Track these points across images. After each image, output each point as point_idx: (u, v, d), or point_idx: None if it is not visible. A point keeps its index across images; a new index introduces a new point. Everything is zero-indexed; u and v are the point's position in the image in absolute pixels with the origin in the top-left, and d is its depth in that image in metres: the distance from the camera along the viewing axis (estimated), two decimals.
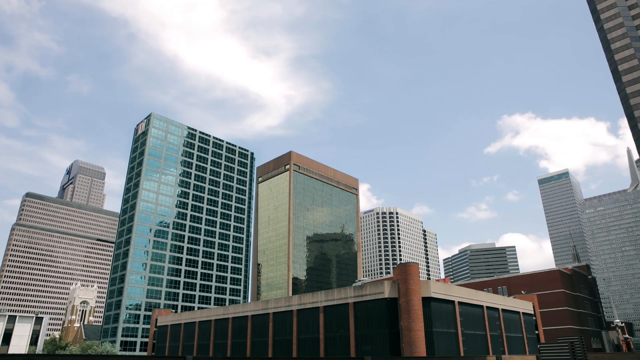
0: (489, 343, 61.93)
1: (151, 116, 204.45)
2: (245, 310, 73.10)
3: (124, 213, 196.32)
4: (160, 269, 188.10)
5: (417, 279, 53.11)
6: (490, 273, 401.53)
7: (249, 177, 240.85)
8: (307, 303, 62.07)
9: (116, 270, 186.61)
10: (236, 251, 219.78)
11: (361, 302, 55.58)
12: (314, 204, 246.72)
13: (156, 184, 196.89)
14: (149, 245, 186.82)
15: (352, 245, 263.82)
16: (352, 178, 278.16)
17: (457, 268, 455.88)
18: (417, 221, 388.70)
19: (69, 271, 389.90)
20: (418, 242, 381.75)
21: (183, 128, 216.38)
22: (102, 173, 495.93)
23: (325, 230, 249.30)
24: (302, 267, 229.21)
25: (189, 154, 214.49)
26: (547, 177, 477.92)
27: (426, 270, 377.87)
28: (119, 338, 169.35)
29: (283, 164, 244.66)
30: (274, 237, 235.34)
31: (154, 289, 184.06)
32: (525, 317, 75.48)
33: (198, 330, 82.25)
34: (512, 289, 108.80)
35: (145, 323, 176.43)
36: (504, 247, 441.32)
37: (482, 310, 63.26)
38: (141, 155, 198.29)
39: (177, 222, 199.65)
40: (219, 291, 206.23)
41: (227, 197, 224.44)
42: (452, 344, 54.86)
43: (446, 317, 55.43)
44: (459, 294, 59.08)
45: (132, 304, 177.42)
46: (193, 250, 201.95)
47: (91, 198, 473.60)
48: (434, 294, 53.66)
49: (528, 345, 72.82)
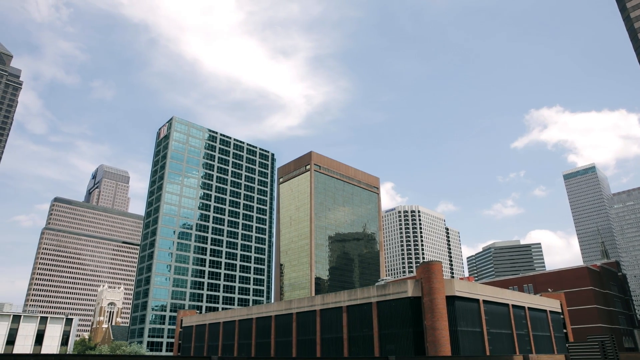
0: (516, 342, 60.88)
1: (172, 120, 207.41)
2: (268, 311, 73.51)
3: (148, 216, 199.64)
4: (184, 270, 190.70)
5: (441, 277, 52.57)
6: (515, 271, 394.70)
7: (270, 178, 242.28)
8: (330, 303, 62.06)
9: (142, 272, 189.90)
10: (259, 252, 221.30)
11: (384, 302, 55.28)
12: (335, 203, 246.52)
13: (179, 186, 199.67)
14: (173, 247, 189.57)
15: (374, 245, 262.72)
16: (372, 177, 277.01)
17: (481, 266, 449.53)
18: (439, 219, 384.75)
19: (97, 273, 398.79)
20: (441, 241, 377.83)
21: (204, 131, 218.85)
22: (126, 177, 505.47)
23: (347, 229, 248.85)
24: (324, 266, 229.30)
25: (211, 156, 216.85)
26: (572, 172, 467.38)
27: (449, 269, 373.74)
28: (145, 338, 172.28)
29: (304, 164, 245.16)
30: (296, 237, 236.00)
31: (178, 290, 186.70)
32: (553, 315, 73.93)
33: (222, 330, 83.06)
34: (538, 286, 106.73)
35: (170, 324, 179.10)
36: (529, 245, 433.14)
37: (508, 309, 62.23)
38: (164, 158, 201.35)
39: (200, 224, 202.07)
40: (242, 292, 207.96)
41: (248, 199, 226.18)
42: (477, 343, 54.12)
43: (471, 316, 54.70)
44: (483, 292, 58.24)
45: (158, 305, 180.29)
46: (216, 252, 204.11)
47: (116, 201, 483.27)
48: (458, 292, 53.02)
49: (556, 345, 71.31)
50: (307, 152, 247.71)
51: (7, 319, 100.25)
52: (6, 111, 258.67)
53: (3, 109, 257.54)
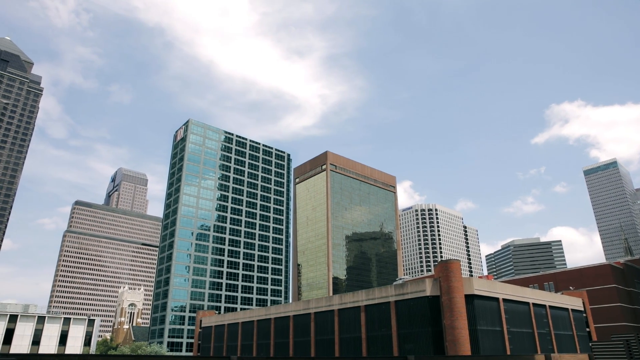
0: (537, 341, 60.05)
1: (189, 122, 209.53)
2: (286, 311, 73.79)
3: (167, 218, 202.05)
4: (203, 271, 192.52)
5: (459, 276, 52.14)
6: (535, 269, 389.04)
7: (286, 179, 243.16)
8: (348, 302, 62.03)
9: (161, 274, 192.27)
10: (276, 252, 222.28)
11: (403, 301, 55.05)
12: (352, 203, 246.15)
13: (196, 188, 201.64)
14: (191, 249, 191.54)
15: (391, 244, 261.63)
16: (389, 176, 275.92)
17: (500, 264, 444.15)
18: (457, 217, 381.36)
19: (117, 275, 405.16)
20: (459, 239, 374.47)
21: (220, 133, 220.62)
22: (144, 179, 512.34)
23: (364, 229, 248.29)
24: (341, 266, 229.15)
25: (227, 157, 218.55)
26: (593, 168, 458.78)
27: (468, 267, 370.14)
28: (165, 339, 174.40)
29: (320, 164, 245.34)
30: (313, 237, 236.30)
31: (197, 291, 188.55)
32: (575, 314, 72.71)
33: (241, 330, 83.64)
34: (559, 285, 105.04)
35: (190, 324, 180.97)
36: (550, 242, 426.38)
37: (529, 308, 61.41)
38: (181, 161, 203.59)
39: (217, 225, 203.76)
40: (260, 292, 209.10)
41: (265, 199, 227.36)
42: (497, 342, 53.53)
43: (490, 315, 54.13)
44: (503, 290, 57.57)
45: (177, 306, 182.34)
46: (234, 252, 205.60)
47: (135, 204, 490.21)
48: (477, 291, 52.52)
49: (579, 344, 70.11)
50: (322, 152, 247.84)
51: (33, 320, 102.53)
52: (28, 117, 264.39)
53: (25, 115, 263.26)
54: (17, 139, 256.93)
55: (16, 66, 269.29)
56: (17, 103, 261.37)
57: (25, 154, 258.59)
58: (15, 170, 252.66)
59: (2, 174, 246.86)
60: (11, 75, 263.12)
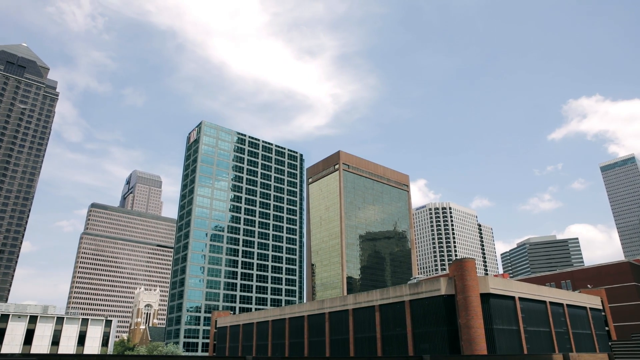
0: (555, 340, 59.30)
1: (202, 124, 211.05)
2: (301, 311, 73.92)
3: (181, 219, 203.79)
4: (217, 272, 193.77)
5: (474, 274, 51.73)
6: (552, 267, 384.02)
7: (299, 179, 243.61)
8: (363, 302, 61.93)
9: (176, 274, 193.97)
10: (290, 252, 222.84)
11: (417, 300, 54.80)
12: (365, 202, 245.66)
13: (210, 189, 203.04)
14: (205, 250, 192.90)
15: (405, 243, 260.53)
16: (402, 174, 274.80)
17: (516, 263, 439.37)
18: (471, 215, 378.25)
19: (133, 276, 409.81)
20: (473, 237, 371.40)
21: (233, 134, 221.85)
22: (158, 181, 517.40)
23: (377, 228, 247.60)
24: (355, 266, 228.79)
25: (240, 158, 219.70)
26: (610, 164, 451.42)
27: (483, 266, 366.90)
28: (181, 339, 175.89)
29: (332, 164, 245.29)
30: (326, 237, 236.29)
31: (212, 292, 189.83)
32: (594, 312, 71.63)
33: (256, 330, 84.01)
34: (577, 283, 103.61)
35: (205, 324, 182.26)
36: (566, 240, 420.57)
37: (545, 306, 60.66)
38: (194, 162, 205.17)
39: (231, 226, 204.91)
40: (274, 292, 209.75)
41: (278, 200, 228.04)
42: (514, 341, 52.99)
43: (507, 314, 53.61)
44: (519, 289, 56.96)
45: (193, 307, 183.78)
46: (248, 253, 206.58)
47: (150, 206, 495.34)
48: (493, 289, 52.05)
49: (598, 343, 69.04)
50: (335, 152, 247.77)
51: (52, 320, 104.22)
52: (45, 122, 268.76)
53: (42, 120, 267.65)
54: (35, 143, 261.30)
55: (33, 72, 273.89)
56: (34, 108, 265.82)
57: (42, 158, 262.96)
58: (33, 174, 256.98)
59: (21, 177, 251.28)
60: (28, 81, 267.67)
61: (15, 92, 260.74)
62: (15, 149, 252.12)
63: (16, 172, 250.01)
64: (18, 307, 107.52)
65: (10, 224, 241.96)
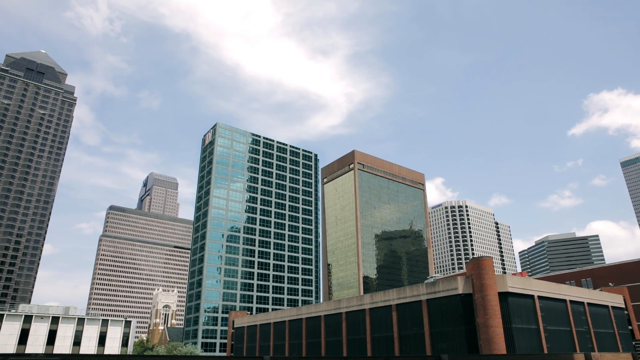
0: (575, 339, 58.37)
1: (217, 126, 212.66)
2: (317, 311, 74.01)
3: (197, 220, 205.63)
4: (234, 272, 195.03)
5: (492, 273, 51.22)
6: (571, 265, 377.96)
7: (314, 179, 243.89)
8: (379, 301, 61.76)
9: (193, 275, 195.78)
10: (306, 252, 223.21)
11: (434, 299, 54.46)
12: (381, 201, 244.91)
13: (225, 191, 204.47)
14: (222, 250, 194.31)
15: (421, 242, 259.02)
16: (417, 173, 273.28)
17: (535, 261, 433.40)
18: (488, 213, 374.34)
19: (151, 277, 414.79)
20: (490, 235, 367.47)
21: (247, 135, 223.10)
22: (175, 183, 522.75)
23: (393, 227, 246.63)
24: (372, 265, 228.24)
25: (255, 159, 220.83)
26: (631, 159, 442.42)
27: (501, 264, 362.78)
28: (199, 339, 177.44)
29: (347, 164, 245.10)
30: (342, 236, 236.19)
31: (229, 292, 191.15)
32: (616, 311, 70.31)
33: (273, 331, 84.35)
34: (597, 281, 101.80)
35: (222, 325, 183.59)
36: (586, 237, 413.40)
37: (566, 305, 59.76)
38: (210, 164, 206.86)
39: (247, 227, 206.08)
40: (291, 292, 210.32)
41: (293, 200, 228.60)
42: (533, 340, 52.32)
43: (526, 313, 52.96)
44: (538, 287, 56.23)
45: (210, 307, 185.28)
46: (264, 253, 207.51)
47: (167, 207, 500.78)
48: (511, 288, 51.47)
49: (621, 342, 67.75)
50: (350, 151, 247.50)
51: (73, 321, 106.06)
52: (63, 126, 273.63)
53: (60, 125, 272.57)
54: (54, 147, 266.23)
55: (51, 77, 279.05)
56: (53, 113, 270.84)
57: (61, 162, 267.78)
58: (53, 178, 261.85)
59: (41, 181, 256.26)
60: (47, 87, 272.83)
61: (34, 98, 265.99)
62: (36, 153, 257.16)
63: (37, 176, 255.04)
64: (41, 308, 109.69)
65: (32, 227, 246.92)
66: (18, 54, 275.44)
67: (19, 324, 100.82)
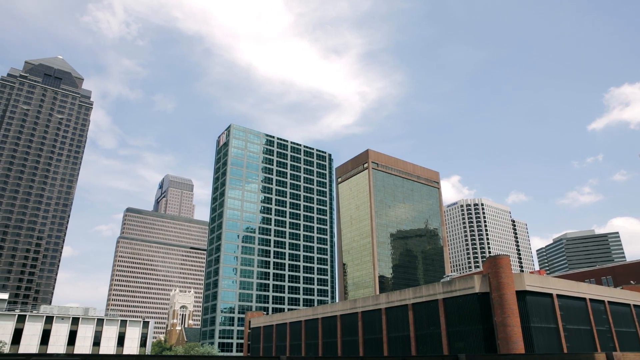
0: (596, 339, 57.43)
1: (231, 127, 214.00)
2: (333, 310, 74.02)
3: (213, 221, 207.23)
4: (250, 273, 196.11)
5: (509, 271, 50.68)
6: (591, 263, 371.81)
7: (329, 179, 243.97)
8: (395, 301, 61.55)
9: (209, 276, 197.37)
10: (321, 252, 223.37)
11: (451, 298, 54.08)
12: (395, 200, 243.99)
13: (240, 192, 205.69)
14: (237, 251, 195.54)
15: (437, 240, 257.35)
16: (432, 172, 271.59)
17: (553, 259, 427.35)
18: (505, 211, 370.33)
19: (168, 278, 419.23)
20: (507, 233, 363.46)
21: (261, 136, 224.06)
22: (190, 185, 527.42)
23: (408, 226, 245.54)
24: (387, 264, 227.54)
25: (269, 160, 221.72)
26: None
27: (518, 263, 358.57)
28: (216, 340, 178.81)
29: (361, 163, 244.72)
30: (357, 236, 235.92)
31: (245, 293, 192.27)
32: (638, 309, 68.98)
33: (289, 330, 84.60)
34: (618, 279, 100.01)
35: (239, 325, 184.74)
36: (606, 234, 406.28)
37: (585, 303, 58.83)
38: (224, 165, 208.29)
39: (262, 227, 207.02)
40: (306, 292, 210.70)
41: (308, 200, 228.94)
42: (552, 339, 51.63)
43: (544, 312, 52.28)
44: (556, 286, 55.46)
45: (226, 307, 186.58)
46: (279, 254, 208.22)
47: (182, 209, 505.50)
48: (529, 286, 50.86)
49: None
50: (364, 151, 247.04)
51: (93, 322, 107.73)
52: (80, 130, 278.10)
53: (78, 129, 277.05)
54: (72, 151, 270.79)
55: (68, 83, 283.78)
56: (70, 117, 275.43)
57: (79, 165, 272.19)
58: (71, 181, 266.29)
59: (60, 184, 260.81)
60: (64, 92, 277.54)
61: (52, 103, 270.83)
62: (54, 157, 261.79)
63: (55, 179, 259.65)
64: (61, 309, 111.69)
65: (51, 229, 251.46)
66: (36, 60, 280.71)
67: (41, 325, 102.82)
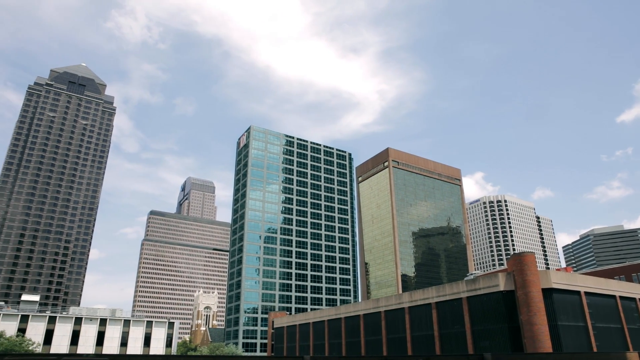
0: (628, 337, 55.99)
1: (251, 129, 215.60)
2: (356, 310, 73.93)
3: (235, 223, 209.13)
4: (272, 273, 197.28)
5: (535, 269, 49.82)
6: (620, 259, 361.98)
7: (349, 178, 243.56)
8: (418, 300, 61.13)
9: (232, 277, 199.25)
10: (343, 252, 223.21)
11: (475, 297, 53.44)
12: (417, 198, 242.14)
13: (261, 193, 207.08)
14: (260, 252, 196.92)
15: (460, 238, 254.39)
16: (453, 169, 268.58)
17: (579, 256, 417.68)
18: (529, 208, 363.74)
19: (192, 279, 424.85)
20: (532, 230, 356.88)
21: (281, 137, 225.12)
22: (211, 187, 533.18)
23: (430, 224, 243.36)
24: (410, 263, 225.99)
25: (289, 161, 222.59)
26: None
27: (543, 260, 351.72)
28: (240, 340, 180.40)
29: (381, 161, 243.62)
30: (379, 235, 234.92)
31: (267, 293, 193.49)
32: None
33: (313, 330, 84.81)
34: None
35: (262, 325, 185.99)
36: (636, 229, 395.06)
37: (615, 301, 57.41)
38: (245, 167, 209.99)
39: (284, 228, 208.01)
40: (329, 292, 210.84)
41: (329, 200, 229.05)
42: (581, 338, 50.53)
43: (572, 310, 51.21)
44: (584, 283, 54.26)
45: (250, 308, 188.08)
46: (301, 254, 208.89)
47: (204, 211, 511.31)
48: (555, 284, 49.88)
49: None
50: (384, 149, 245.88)
51: (120, 323, 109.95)
52: (104, 135, 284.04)
53: (102, 134, 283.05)
54: (97, 156, 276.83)
55: (92, 89, 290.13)
56: (95, 123, 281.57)
57: (104, 170, 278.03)
58: (97, 186, 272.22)
59: (86, 189, 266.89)
60: (88, 98, 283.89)
61: (77, 110, 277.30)
62: (80, 162, 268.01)
63: (81, 184, 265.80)
64: (89, 311, 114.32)
65: (78, 233, 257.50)
66: (61, 69, 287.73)
67: (71, 326, 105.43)
